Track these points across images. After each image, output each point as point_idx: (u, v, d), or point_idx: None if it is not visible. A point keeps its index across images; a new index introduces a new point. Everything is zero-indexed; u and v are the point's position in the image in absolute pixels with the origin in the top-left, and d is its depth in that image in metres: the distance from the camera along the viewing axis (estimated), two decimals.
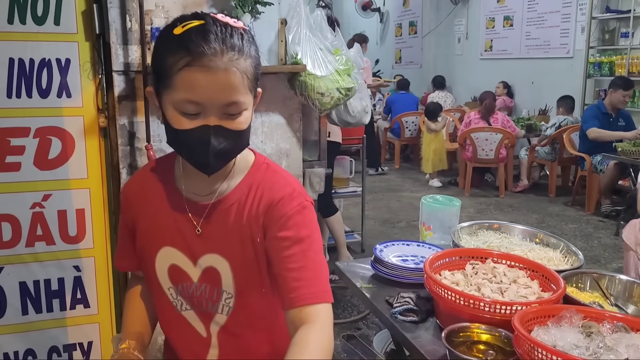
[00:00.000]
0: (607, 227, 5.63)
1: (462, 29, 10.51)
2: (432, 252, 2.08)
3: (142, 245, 1.19)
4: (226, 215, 1.12)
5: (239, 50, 1.01)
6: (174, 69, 0.99)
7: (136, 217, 1.20)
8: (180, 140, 1.05)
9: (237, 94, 1.01)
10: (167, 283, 1.17)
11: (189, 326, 1.20)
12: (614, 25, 7.46)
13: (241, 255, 1.12)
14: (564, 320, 1.44)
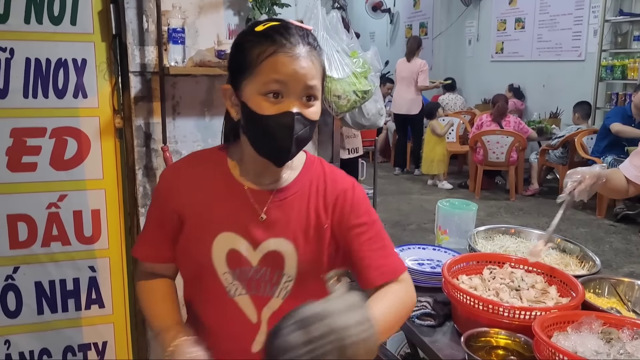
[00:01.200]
0: (618, 231, 5.60)
1: (473, 30, 10.47)
2: (448, 256, 2.08)
3: (193, 233, 1.21)
4: (290, 203, 1.21)
5: (314, 46, 1.14)
6: (260, 58, 1.09)
7: (186, 206, 1.21)
8: (263, 126, 1.11)
9: (314, 79, 1.12)
10: (223, 268, 1.20)
11: (239, 312, 1.22)
12: (627, 28, 7.41)
13: (305, 240, 1.20)
14: (584, 327, 1.44)
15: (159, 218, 1.26)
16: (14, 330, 2.48)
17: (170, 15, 2.20)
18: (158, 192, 1.29)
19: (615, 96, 7.43)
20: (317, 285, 1.19)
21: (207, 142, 2.45)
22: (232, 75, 1.18)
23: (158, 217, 1.26)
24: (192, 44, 2.32)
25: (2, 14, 2.25)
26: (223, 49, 2.24)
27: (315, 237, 1.21)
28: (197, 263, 1.21)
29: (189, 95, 2.39)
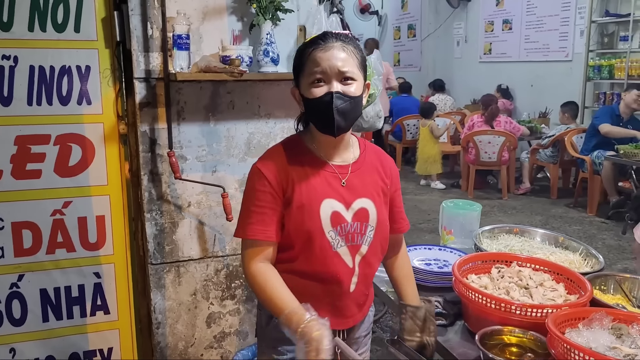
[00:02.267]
0: (610, 228, 5.68)
1: (461, 32, 10.55)
2: (454, 256, 2.12)
3: (301, 205, 1.46)
4: (362, 172, 1.56)
5: (348, 40, 1.46)
6: (305, 56, 1.44)
7: (293, 182, 1.47)
8: (313, 107, 1.44)
9: (348, 65, 1.42)
10: (328, 227, 1.47)
11: (341, 260, 1.51)
12: (613, 28, 7.52)
13: (378, 198, 1.56)
14: (595, 323, 1.47)
15: (270, 201, 1.46)
16: (19, 338, 2.48)
17: (175, 22, 2.21)
18: (262, 180, 1.47)
19: (603, 95, 7.54)
20: (385, 232, 1.59)
21: (212, 146, 2.46)
22: (295, 79, 1.52)
23: (270, 201, 1.46)
24: (196, 50, 2.34)
25: (6, 22, 2.25)
26: (228, 54, 2.25)
27: (382, 195, 1.58)
28: (308, 227, 1.46)
29: (194, 101, 2.40)
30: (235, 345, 2.66)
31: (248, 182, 1.52)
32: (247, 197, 1.51)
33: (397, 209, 1.67)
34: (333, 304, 1.54)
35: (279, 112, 2.55)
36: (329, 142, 1.51)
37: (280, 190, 1.46)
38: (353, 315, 1.60)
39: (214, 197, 2.50)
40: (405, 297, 1.69)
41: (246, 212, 1.49)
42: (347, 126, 1.48)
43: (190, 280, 2.53)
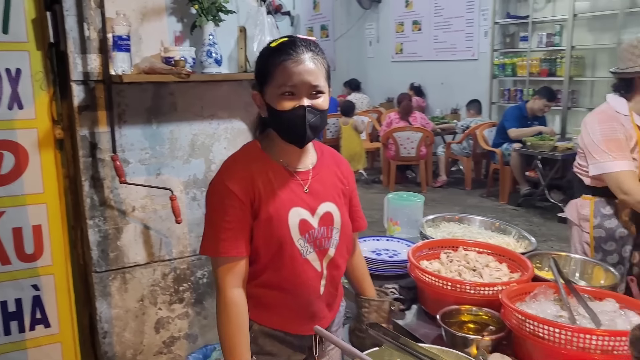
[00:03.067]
0: (521, 214, 6.10)
1: (373, 32, 10.88)
2: (402, 246, 2.24)
3: (270, 215, 1.44)
4: (322, 176, 1.56)
5: (317, 51, 1.42)
6: (274, 65, 1.39)
7: (260, 194, 1.44)
8: (283, 119, 1.41)
9: (318, 79, 1.40)
10: (297, 235, 1.47)
11: (310, 266, 1.52)
12: (514, 29, 8.07)
13: (339, 200, 1.58)
14: (540, 296, 1.62)
15: (239, 215, 1.43)
16: None
17: (114, 23, 2.17)
18: (228, 195, 1.43)
19: (507, 92, 8.07)
20: (349, 232, 1.61)
21: (155, 149, 2.43)
22: (258, 83, 1.47)
23: (238, 215, 1.43)
24: (136, 51, 2.30)
25: None
26: (171, 55, 2.23)
27: (342, 197, 1.61)
28: (277, 237, 1.45)
29: (135, 103, 2.36)
30: (185, 349, 2.64)
31: (214, 198, 1.46)
32: (214, 213, 1.45)
33: (355, 208, 1.70)
34: (305, 310, 1.55)
35: (222, 113, 2.55)
36: (291, 150, 1.50)
37: (249, 203, 1.43)
38: (325, 316, 1.61)
39: (159, 201, 2.47)
40: (367, 293, 1.74)
41: (216, 228, 1.43)
42: (315, 138, 1.49)
43: (136, 286, 2.48)
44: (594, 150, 2.25)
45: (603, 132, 2.23)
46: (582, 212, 2.37)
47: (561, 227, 5.70)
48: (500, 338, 1.51)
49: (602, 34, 6.75)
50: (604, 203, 2.31)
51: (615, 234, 2.30)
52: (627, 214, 2.28)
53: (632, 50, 2.21)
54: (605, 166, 2.21)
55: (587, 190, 2.34)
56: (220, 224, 1.43)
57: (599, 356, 1.32)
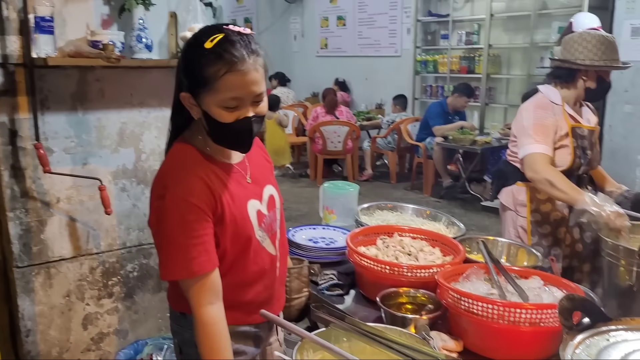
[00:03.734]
0: (443, 206, 6.34)
1: (297, 27, 10.90)
2: (338, 234, 2.28)
3: (234, 215, 1.40)
4: (255, 162, 1.54)
5: (257, 53, 1.30)
6: (216, 76, 1.26)
7: (220, 197, 1.37)
8: (227, 131, 1.33)
9: (262, 86, 1.32)
10: (256, 227, 1.46)
11: (267, 253, 1.51)
12: (435, 27, 8.35)
13: (273, 180, 1.60)
14: (472, 276, 1.70)
15: (205, 228, 1.34)
16: None
17: (37, 3, 2.05)
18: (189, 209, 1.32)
19: (430, 88, 8.35)
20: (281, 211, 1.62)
21: (81, 137, 2.32)
22: (190, 85, 1.32)
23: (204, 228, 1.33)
24: (60, 34, 2.19)
25: None
26: (99, 39, 2.14)
27: (273, 175, 1.63)
28: (243, 235, 1.43)
29: (59, 89, 2.25)
30: (115, 345, 2.55)
31: (173, 215, 1.32)
32: (177, 232, 1.32)
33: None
34: (266, 296, 1.53)
35: (152, 101, 2.48)
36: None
37: (211, 213, 1.35)
38: (282, 296, 1.64)
39: (85, 191, 2.37)
40: None
41: (183, 248, 1.31)
42: None
43: (62, 281, 2.37)
44: (522, 134, 2.36)
45: (534, 118, 2.33)
46: (518, 197, 2.46)
47: (481, 216, 5.99)
48: (437, 317, 1.57)
49: (516, 34, 7.13)
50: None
51: (551, 217, 2.41)
52: None
53: (584, 44, 2.29)
54: (526, 148, 2.32)
55: (522, 176, 2.40)
56: (187, 242, 1.31)
57: (527, 328, 1.40)
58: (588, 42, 2.29)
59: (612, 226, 1.98)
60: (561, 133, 2.35)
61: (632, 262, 1.73)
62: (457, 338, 1.52)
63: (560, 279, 1.67)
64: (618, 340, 1.22)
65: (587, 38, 2.30)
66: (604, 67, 2.29)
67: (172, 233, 1.32)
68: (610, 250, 1.83)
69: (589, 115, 2.51)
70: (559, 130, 2.34)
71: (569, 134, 2.35)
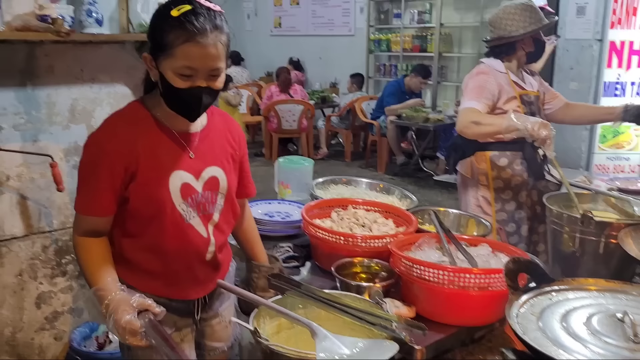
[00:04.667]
0: (397, 183, 6.34)
1: (250, 5, 10.77)
2: (293, 208, 2.31)
3: (148, 178, 1.40)
4: (212, 139, 1.52)
5: (220, 29, 1.33)
6: (175, 43, 1.30)
7: (138, 156, 1.38)
8: (177, 96, 1.36)
9: (219, 62, 1.35)
10: (178, 200, 1.44)
11: (195, 231, 1.49)
12: (387, 6, 8.41)
13: (228, 165, 1.55)
14: (424, 245, 1.77)
15: (106, 176, 1.37)
16: None
17: None
18: (99, 153, 1.37)
19: (383, 67, 8.44)
20: (233, 199, 1.59)
21: (31, 114, 2.27)
22: (152, 48, 1.38)
23: (105, 175, 1.37)
24: (6, 8, 2.11)
25: None
26: (47, 13, 2.08)
27: (232, 162, 1.57)
28: (156, 201, 1.41)
29: (6, 64, 2.18)
30: (70, 324, 2.53)
31: (84, 155, 1.40)
32: (85, 169, 1.40)
33: (245, 174, 1.69)
34: (189, 274, 1.53)
35: (103, 77, 2.44)
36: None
37: (122, 165, 1.37)
38: (212, 279, 1.59)
39: (36, 169, 2.32)
40: (257, 258, 1.75)
41: (80, 186, 1.41)
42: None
43: (14, 260, 2.33)
44: (463, 96, 2.48)
45: (474, 81, 2.46)
46: (479, 167, 2.54)
47: (434, 192, 6.14)
48: (390, 284, 1.63)
49: (466, 12, 7.26)
50: (498, 156, 2.49)
51: (512, 182, 2.51)
52: (519, 163, 2.49)
53: (511, 17, 2.45)
54: (461, 105, 2.44)
55: (480, 146, 2.51)
56: (88, 181, 1.39)
57: (476, 292, 1.48)
58: (514, 14, 2.45)
59: (537, 136, 2.08)
60: (508, 96, 2.46)
61: (576, 229, 1.82)
62: (410, 304, 1.59)
63: (508, 245, 1.76)
64: (560, 300, 1.30)
65: (512, 11, 2.46)
66: (537, 29, 2.46)
67: (81, 169, 1.41)
68: (554, 218, 1.93)
69: (530, 80, 2.64)
70: (504, 94, 2.45)
71: (518, 101, 2.47)
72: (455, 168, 2.73)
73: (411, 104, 6.62)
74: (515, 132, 2.18)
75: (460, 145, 2.64)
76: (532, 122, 2.10)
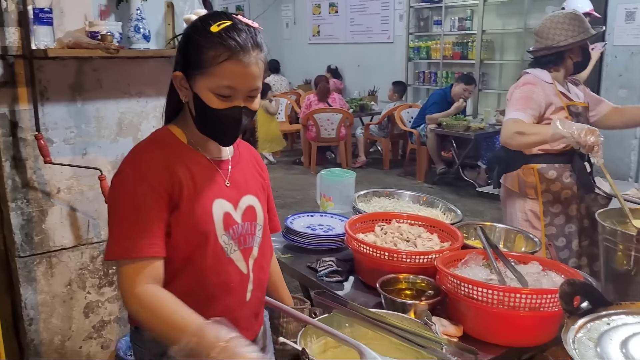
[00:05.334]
0: (437, 192, 6.39)
1: (289, 14, 10.85)
2: (335, 220, 2.31)
3: (194, 206, 1.28)
4: (242, 167, 1.44)
5: (261, 47, 1.26)
6: (215, 61, 1.21)
7: (180, 182, 1.27)
8: (214, 117, 1.27)
9: (259, 81, 1.28)
10: (221, 231, 1.32)
11: (235, 267, 1.36)
12: (427, 13, 8.34)
13: (260, 194, 1.46)
14: (471, 262, 1.74)
15: (154, 208, 1.23)
16: None
17: None
18: (141, 183, 1.23)
19: (422, 74, 8.36)
20: (268, 232, 1.50)
21: (80, 128, 2.33)
22: (184, 65, 1.28)
23: (153, 207, 1.23)
24: (58, 25, 2.18)
25: None
26: (97, 30, 2.14)
27: (262, 191, 1.49)
28: (201, 232, 1.29)
29: (57, 80, 2.25)
30: (116, 333, 2.58)
31: (120, 189, 1.25)
32: (124, 207, 1.23)
33: (271, 206, 1.59)
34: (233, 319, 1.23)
35: (150, 91, 2.49)
36: (210, 140, 1.35)
37: (167, 195, 1.25)
38: (251, 327, 1.44)
39: (85, 181, 2.38)
40: (283, 299, 1.65)
41: (126, 225, 1.21)
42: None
43: (64, 270, 2.39)
44: (507, 107, 2.44)
45: (521, 92, 2.42)
46: (526, 180, 2.47)
47: (475, 202, 6.03)
48: (437, 302, 1.61)
49: (509, 19, 7.14)
50: (546, 169, 2.43)
51: (561, 195, 2.44)
52: (567, 176, 2.43)
53: (559, 27, 2.42)
54: (506, 116, 2.40)
55: (527, 159, 2.46)
56: (132, 219, 1.21)
57: (527, 313, 1.44)
58: (562, 23, 2.42)
59: (584, 143, 2.02)
60: (556, 107, 2.41)
61: (630, 247, 1.74)
62: (457, 323, 1.56)
63: (559, 264, 1.71)
64: (618, 324, 1.24)
65: (559, 20, 2.43)
66: (585, 39, 2.43)
67: (118, 207, 1.24)
68: (607, 235, 1.86)
69: (576, 90, 2.59)
70: (551, 105, 2.41)
71: (566, 112, 2.42)
72: (499, 181, 2.67)
73: (452, 111, 6.53)
74: (561, 140, 2.13)
75: (504, 158, 2.59)
76: (579, 129, 2.04)
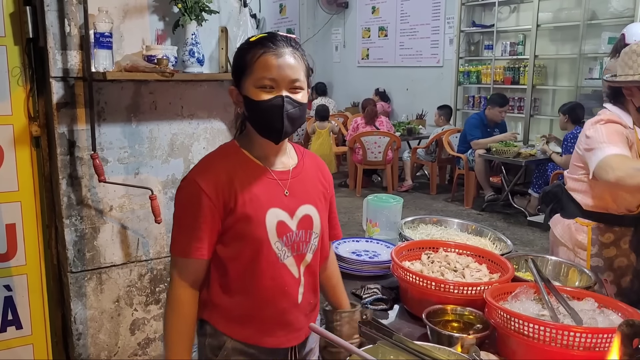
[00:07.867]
0: (485, 219, 6.25)
1: (339, 37, 10.97)
2: (381, 247, 2.28)
3: (246, 215, 1.39)
4: (303, 177, 1.52)
5: (296, 47, 1.40)
6: (253, 59, 1.35)
7: (236, 193, 1.39)
8: (260, 109, 1.37)
9: (298, 73, 1.38)
10: (274, 238, 1.42)
11: (288, 271, 1.47)
12: (478, 38, 8.27)
13: (320, 204, 1.54)
14: (521, 295, 1.68)
15: (207, 215, 1.38)
16: None
17: (97, 19, 2.14)
18: (199, 193, 1.37)
19: (472, 99, 8.26)
20: (326, 238, 1.60)
21: (134, 148, 2.40)
22: (235, 78, 1.43)
23: (206, 215, 1.38)
24: (117, 49, 2.27)
25: None
26: (154, 54, 2.22)
27: (323, 201, 1.57)
28: (254, 239, 1.41)
29: (115, 101, 2.33)
30: (160, 351, 2.61)
31: (183, 196, 1.41)
32: (182, 212, 1.42)
33: (333, 215, 1.67)
34: (282, 319, 1.49)
35: (202, 113, 2.55)
36: (269, 147, 1.45)
37: (221, 204, 1.38)
38: (303, 327, 1.54)
39: (136, 200, 2.44)
40: (340, 304, 1.71)
41: (182, 228, 1.41)
42: (292, 132, 1.45)
43: (112, 287, 2.45)
44: (593, 146, 2.04)
45: (607, 127, 2.04)
46: (577, 237, 2.22)
47: (525, 231, 5.87)
48: (485, 336, 1.55)
49: (563, 44, 7.00)
50: (603, 230, 2.15)
51: (614, 263, 2.17)
52: (627, 241, 2.15)
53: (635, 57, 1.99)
54: (598, 155, 1.99)
55: (584, 214, 2.19)
56: (189, 225, 1.39)
57: (581, 352, 1.37)
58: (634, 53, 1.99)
59: None
60: (636, 154, 2.06)
61: None
62: (506, 359, 1.51)
63: (615, 301, 1.62)
64: None
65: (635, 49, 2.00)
66: None
67: (179, 211, 1.42)
68: None
69: None
70: (632, 150, 2.05)
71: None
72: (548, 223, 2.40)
73: (501, 138, 6.42)
74: None
75: (558, 198, 2.30)
76: None
